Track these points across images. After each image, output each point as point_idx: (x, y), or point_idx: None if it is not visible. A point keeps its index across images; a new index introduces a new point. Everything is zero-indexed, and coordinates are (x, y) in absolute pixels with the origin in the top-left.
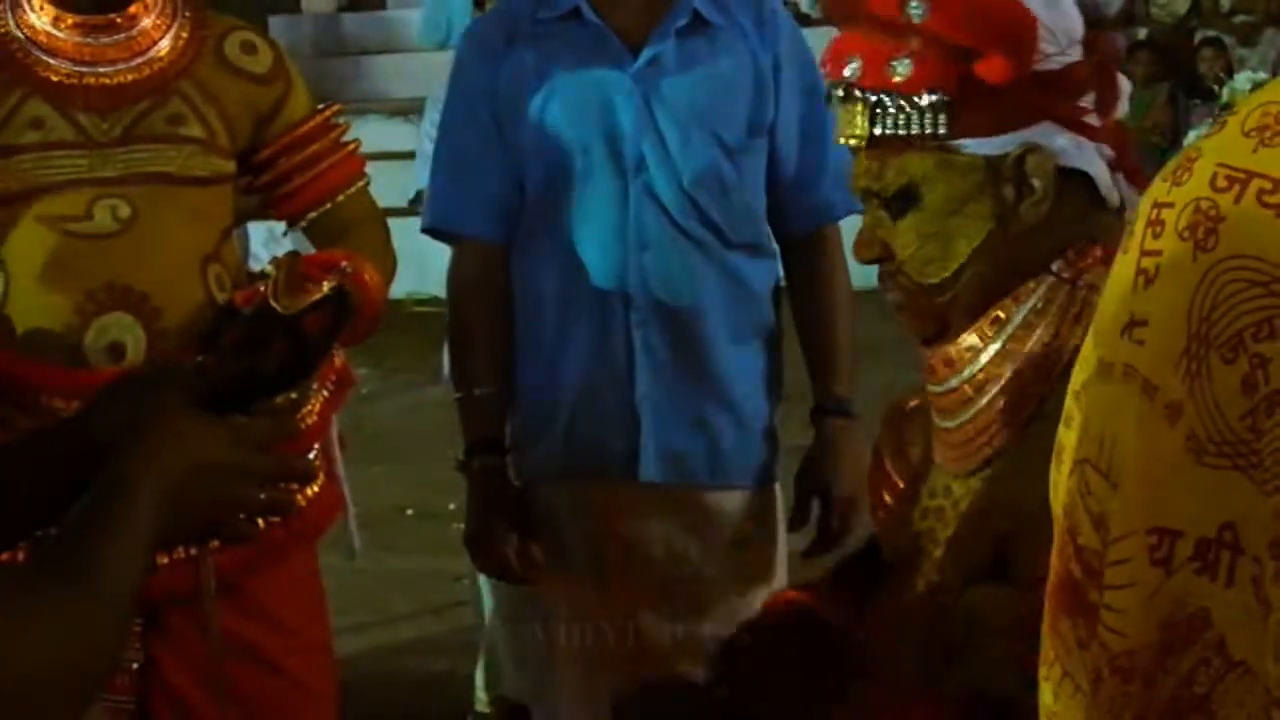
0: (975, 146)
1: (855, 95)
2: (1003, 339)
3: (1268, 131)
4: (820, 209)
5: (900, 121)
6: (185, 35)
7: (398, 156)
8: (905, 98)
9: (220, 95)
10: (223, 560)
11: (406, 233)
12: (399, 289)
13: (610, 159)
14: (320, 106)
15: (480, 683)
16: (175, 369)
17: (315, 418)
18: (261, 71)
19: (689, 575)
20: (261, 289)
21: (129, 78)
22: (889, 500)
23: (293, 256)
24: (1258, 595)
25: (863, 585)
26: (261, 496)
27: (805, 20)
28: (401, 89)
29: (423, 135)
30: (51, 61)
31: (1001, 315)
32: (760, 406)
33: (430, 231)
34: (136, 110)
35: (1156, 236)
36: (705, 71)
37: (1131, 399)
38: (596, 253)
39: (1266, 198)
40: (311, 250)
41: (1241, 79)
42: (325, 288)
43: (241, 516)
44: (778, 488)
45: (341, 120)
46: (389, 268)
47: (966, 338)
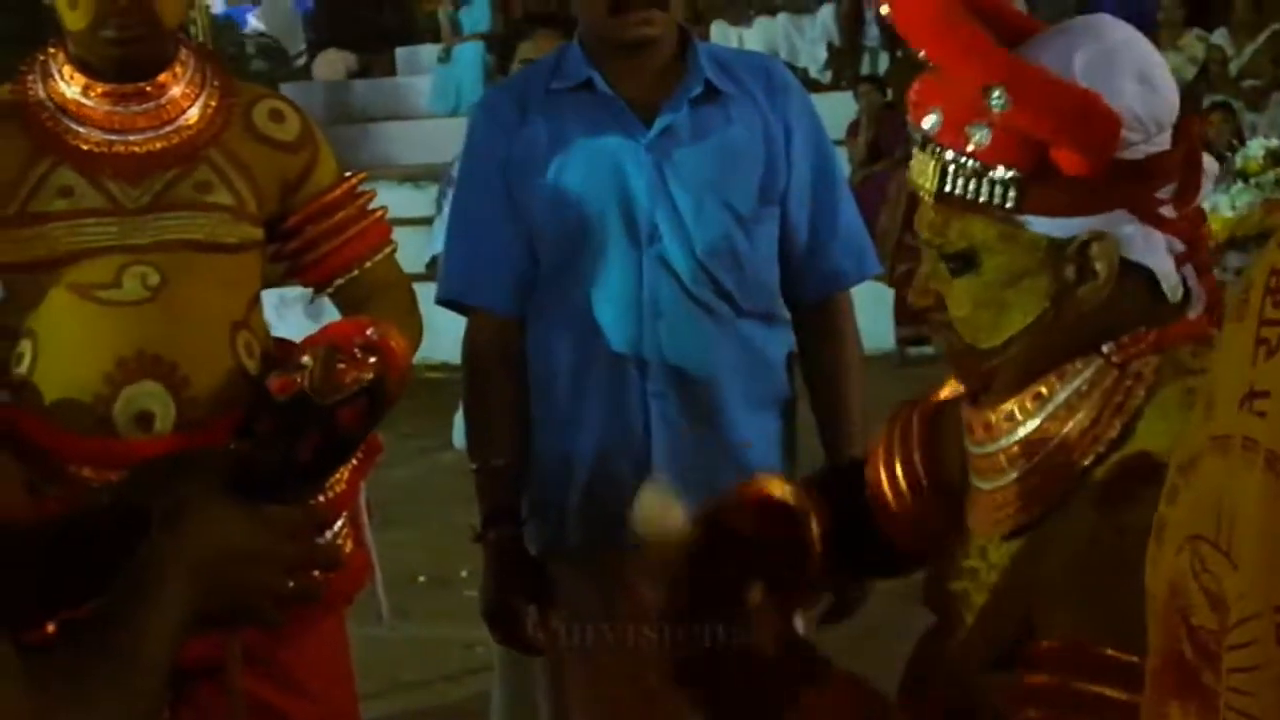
0: (1042, 225)
1: (930, 147)
2: (1042, 416)
3: None
4: (831, 277)
5: (970, 187)
6: (214, 103)
7: (408, 223)
8: (978, 166)
9: (248, 163)
10: (251, 629)
11: (419, 299)
12: None
13: (624, 229)
14: (347, 174)
15: None
16: (210, 453)
17: (344, 486)
18: (289, 139)
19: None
20: (298, 380)
21: (158, 145)
22: (904, 489)
23: (330, 351)
24: None
25: (842, 501)
26: (290, 584)
27: (815, 86)
28: (411, 155)
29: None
30: (81, 130)
31: (1045, 391)
32: (776, 474)
33: (445, 303)
34: (165, 178)
35: (1277, 305)
36: (717, 141)
37: (1252, 473)
38: (611, 322)
39: None
40: (327, 314)
41: (1255, 145)
42: (363, 379)
43: (270, 602)
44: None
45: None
46: (415, 333)
47: (1007, 406)
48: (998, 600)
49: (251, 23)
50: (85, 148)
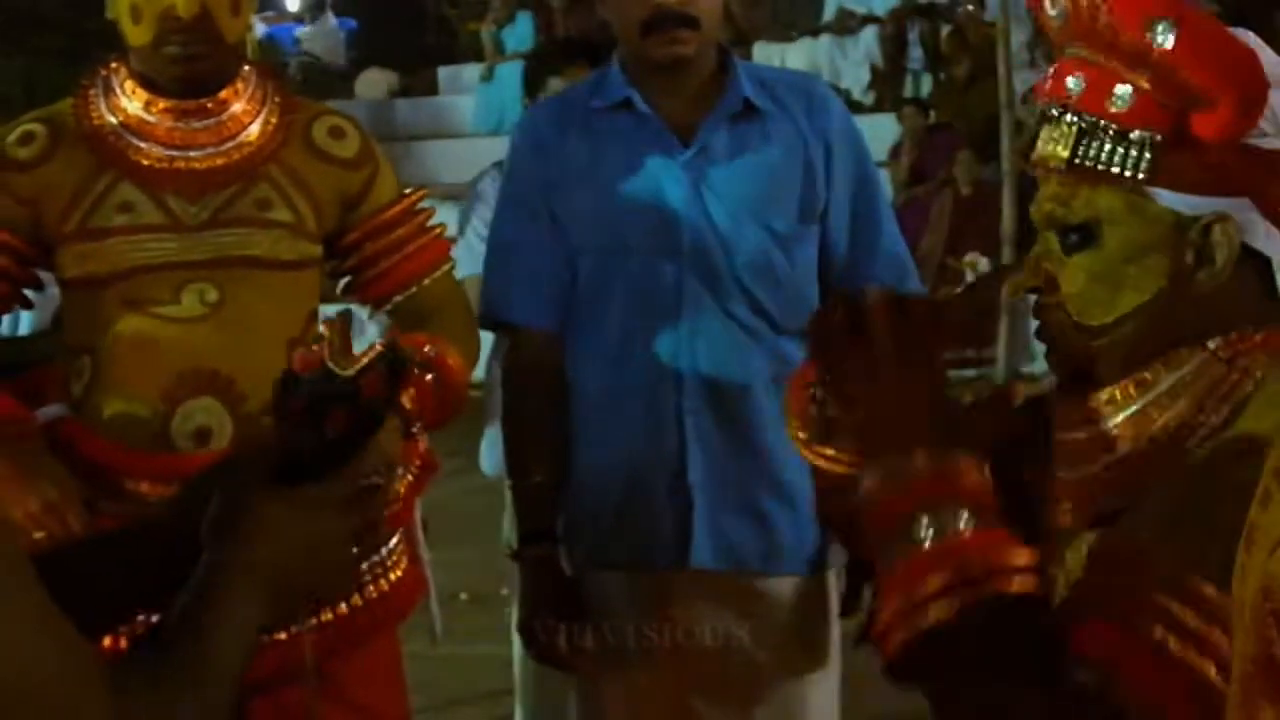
0: (1169, 200)
1: (1065, 117)
2: (1143, 402)
3: None
4: None
5: (1104, 152)
6: (274, 120)
7: (450, 240)
8: (1115, 130)
9: (308, 179)
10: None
11: None
12: None
13: (663, 247)
14: (407, 191)
15: None
16: (248, 453)
17: (399, 503)
18: (349, 156)
19: (742, 662)
20: (315, 348)
21: (218, 162)
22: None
23: (344, 316)
24: None
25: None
26: (354, 551)
27: (858, 108)
28: (453, 174)
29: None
30: (142, 146)
31: (1149, 378)
32: (813, 493)
33: (483, 320)
34: (225, 194)
35: None
36: (756, 160)
37: None
38: (648, 340)
39: None
40: (374, 331)
41: None
42: (377, 347)
43: (342, 578)
44: (831, 574)
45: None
46: (472, 351)
47: (1109, 391)
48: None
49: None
50: (146, 163)
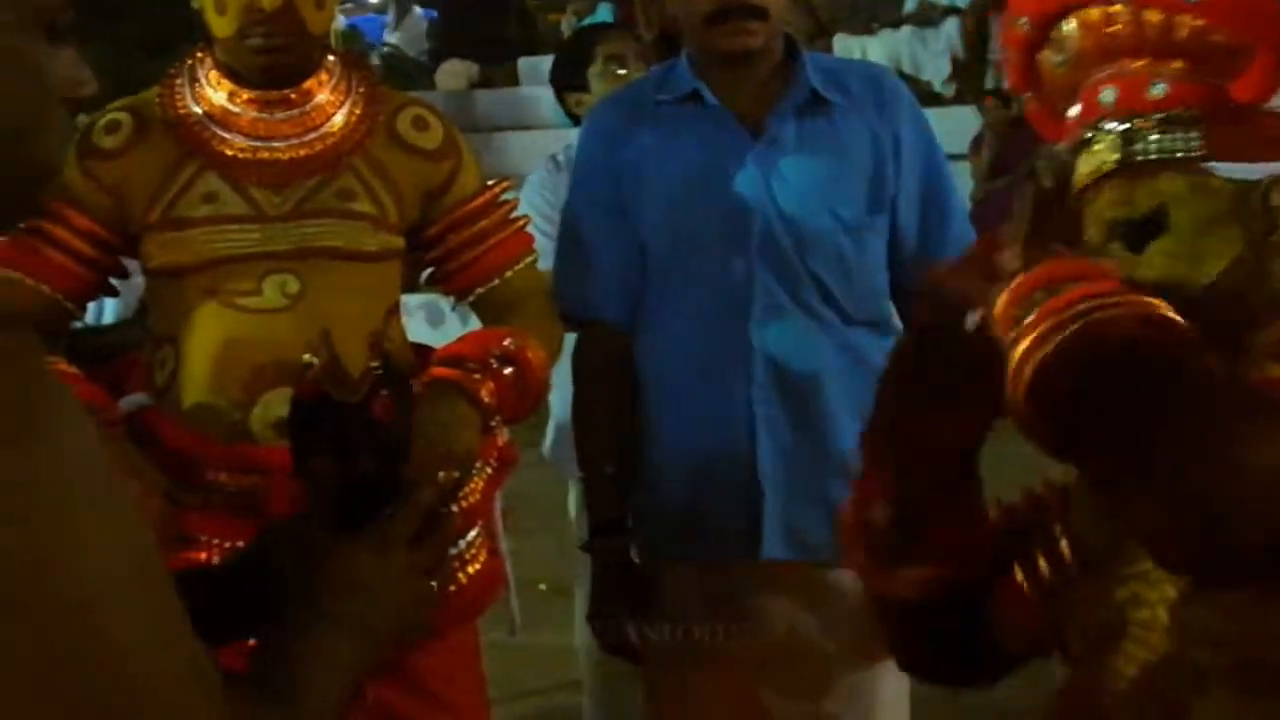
0: (1227, 171)
1: (1104, 130)
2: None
3: None
4: None
5: (1154, 143)
6: (358, 111)
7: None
8: (1160, 119)
9: (391, 171)
10: None
11: None
12: None
13: (732, 238)
14: (490, 183)
15: None
16: (295, 520)
17: (478, 496)
18: (432, 147)
19: (811, 653)
20: (310, 378)
21: (302, 153)
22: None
23: (325, 337)
24: None
25: None
26: (434, 583)
27: (938, 100)
28: (533, 165)
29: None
30: (226, 136)
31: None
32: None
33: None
34: (308, 185)
35: None
36: (825, 150)
37: None
38: (718, 331)
39: None
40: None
41: None
42: (371, 367)
43: (423, 611)
44: None
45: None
46: (554, 342)
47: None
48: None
49: (384, 36)
50: (230, 154)
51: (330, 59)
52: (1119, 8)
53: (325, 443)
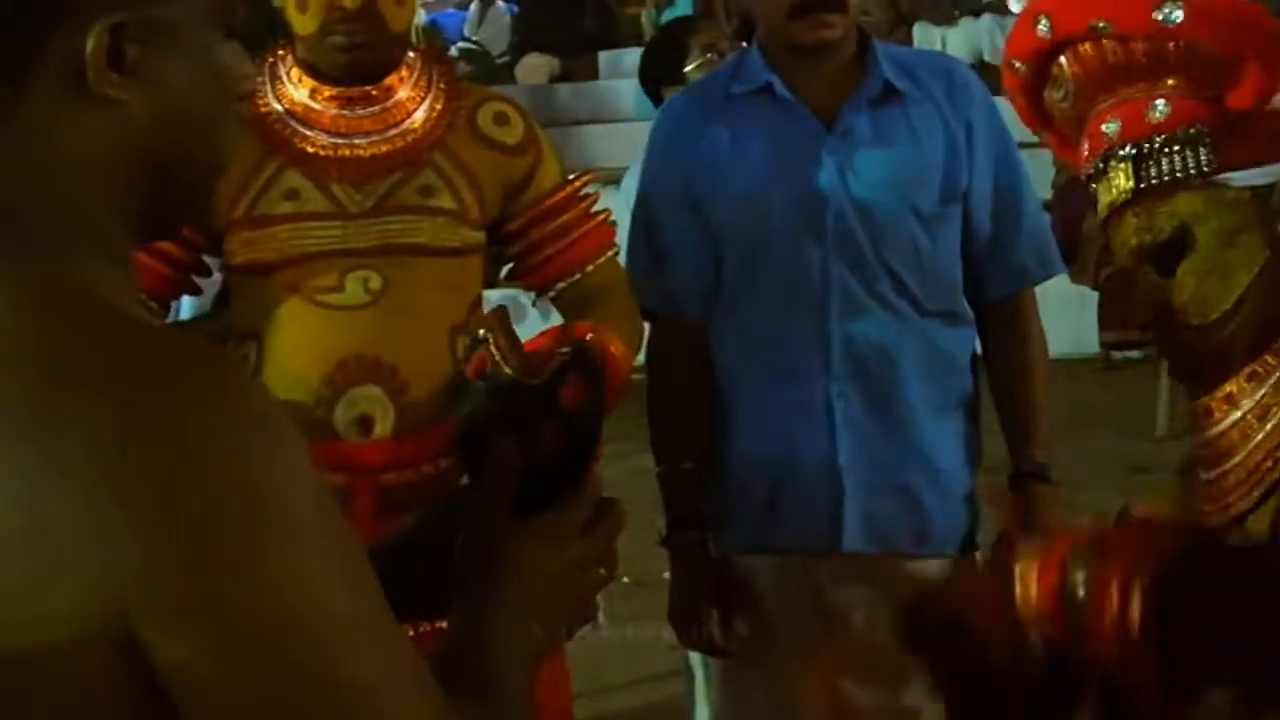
0: (1241, 179)
1: (1115, 158)
2: (1263, 390)
3: None
4: (1016, 274)
5: (1164, 166)
6: (439, 106)
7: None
8: (1167, 141)
9: (472, 166)
10: None
11: None
12: None
13: (807, 230)
14: (572, 176)
15: None
16: (490, 483)
17: None
18: (513, 142)
19: (891, 645)
20: (484, 355)
21: (383, 149)
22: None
23: (501, 311)
24: None
25: None
26: (602, 573)
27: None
28: (613, 158)
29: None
30: (308, 133)
31: (1260, 370)
32: (962, 474)
33: None
34: (390, 181)
35: None
36: (898, 141)
37: None
38: (796, 324)
39: None
40: (530, 316)
41: None
42: (561, 353)
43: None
44: (979, 556)
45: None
46: (634, 338)
47: (1248, 369)
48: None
49: (465, 32)
50: (311, 151)
51: (411, 55)
52: (1107, 41)
53: (508, 424)
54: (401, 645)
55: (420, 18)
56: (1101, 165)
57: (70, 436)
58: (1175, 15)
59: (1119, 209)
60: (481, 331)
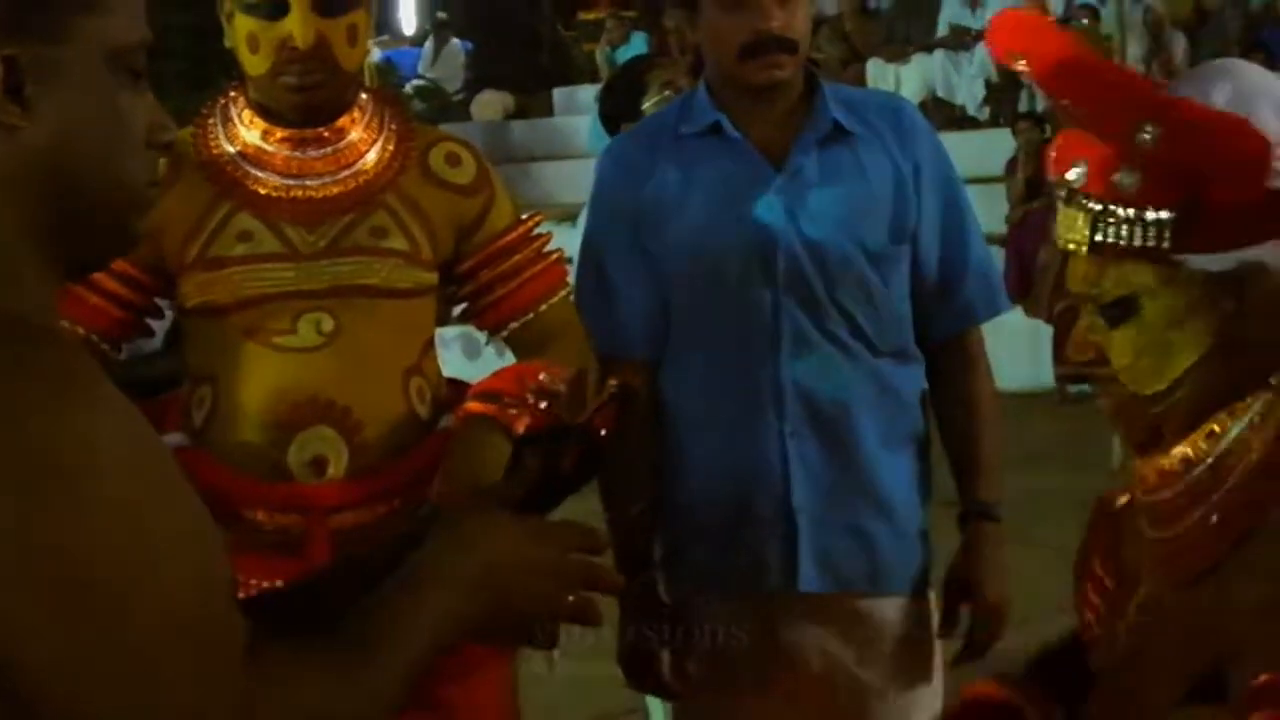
0: (1198, 262)
1: (1077, 200)
2: (1218, 453)
3: None
4: (963, 312)
5: (1123, 233)
6: (391, 147)
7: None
8: (1128, 212)
9: (424, 207)
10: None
11: None
12: None
13: (758, 271)
14: (525, 216)
15: None
16: (498, 486)
17: None
18: (466, 183)
19: (848, 684)
20: (543, 408)
21: (335, 190)
22: (1096, 602)
23: (580, 374)
24: None
25: (1063, 681)
26: (570, 599)
27: (973, 123)
28: (568, 194)
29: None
30: (260, 175)
31: (1217, 429)
32: (914, 512)
33: None
34: (342, 223)
35: None
36: (848, 181)
37: None
38: (747, 364)
39: None
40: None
41: None
42: (609, 388)
43: (548, 618)
44: (931, 594)
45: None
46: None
47: (1180, 449)
48: (1182, 645)
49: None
50: (264, 192)
51: (363, 96)
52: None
53: (542, 441)
54: (196, 603)
55: (374, 55)
56: (1064, 196)
57: None
58: (1152, 140)
59: (1072, 251)
60: (554, 386)
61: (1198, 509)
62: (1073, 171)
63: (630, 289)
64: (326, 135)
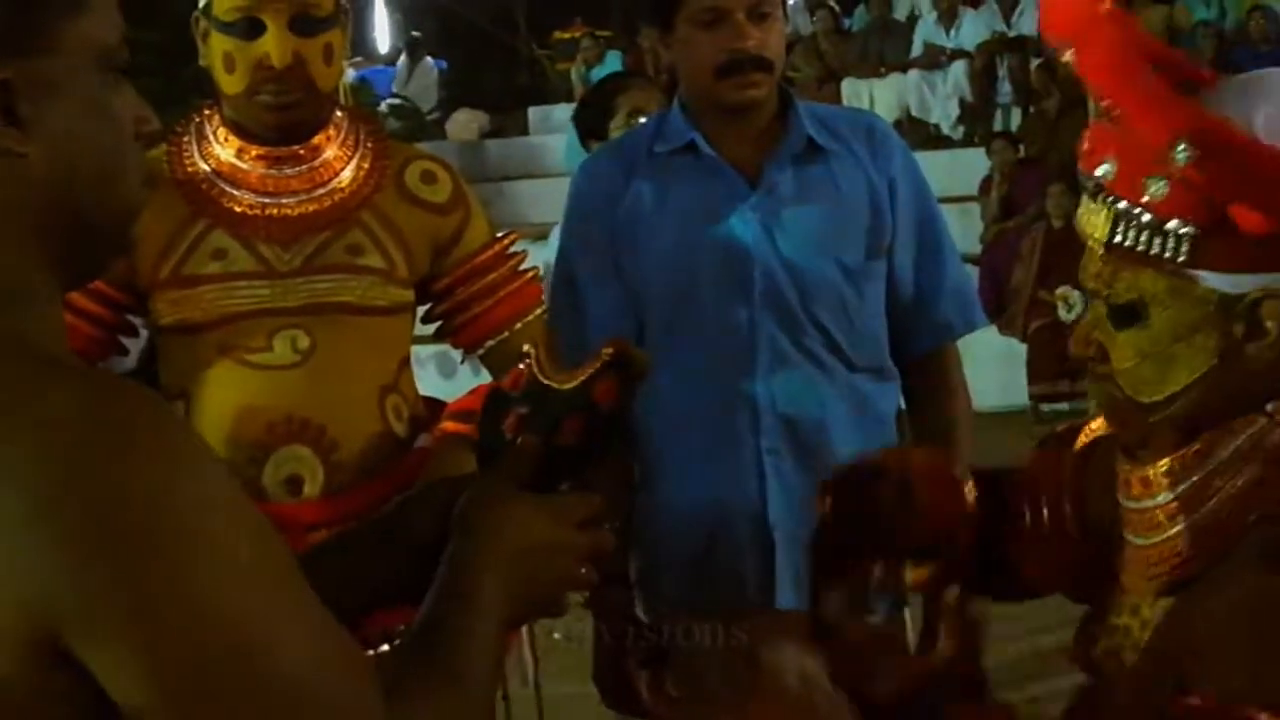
0: (1214, 280)
1: (1101, 197)
2: (1204, 472)
3: None
4: (938, 329)
5: (1142, 238)
6: (367, 165)
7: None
8: (1151, 219)
9: (400, 225)
10: None
11: None
12: None
13: (733, 288)
14: (500, 235)
15: None
16: (506, 461)
17: None
18: (441, 201)
19: (827, 702)
20: (523, 367)
21: (310, 208)
22: (1046, 525)
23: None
24: None
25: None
26: (582, 572)
27: (947, 143)
28: (545, 214)
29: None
30: (235, 193)
31: (1205, 448)
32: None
33: None
34: (317, 240)
35: None
36: (823, 197)
37: None
38: (724, 381)
39: None
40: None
41: None
42: (603, 354)
43: (566, 592)
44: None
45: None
46: None
47: (1166, 462)
48: (1152, 658)
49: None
50: (239, 210)
51: (338, 114)
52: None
53: (533, 420)
54: (326, 638)
55: (349, 75)
56: (1091, 187)
57: (5, 482)
58: (1186, 160)
59: (1091, 246)
60: (526, 347)
61: (1176, 524)
62: (1101, 167)
63: (603, 308)
64: (302, 153)
